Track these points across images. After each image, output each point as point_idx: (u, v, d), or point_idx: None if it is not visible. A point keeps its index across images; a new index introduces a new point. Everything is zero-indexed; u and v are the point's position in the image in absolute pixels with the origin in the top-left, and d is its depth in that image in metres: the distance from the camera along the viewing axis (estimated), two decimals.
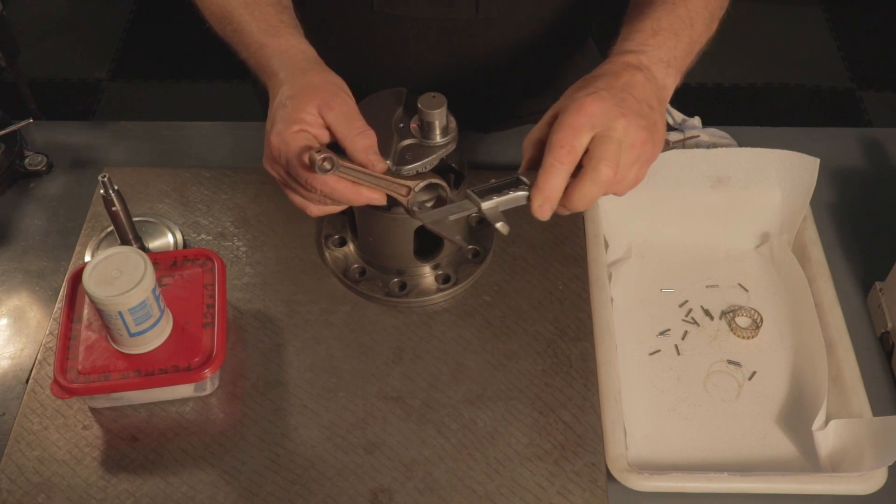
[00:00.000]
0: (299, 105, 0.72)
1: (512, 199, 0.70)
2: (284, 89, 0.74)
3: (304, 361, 0.81)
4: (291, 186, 0.75)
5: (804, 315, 0.84)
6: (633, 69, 0.71)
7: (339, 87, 0.74)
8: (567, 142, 0.67)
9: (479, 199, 0.69)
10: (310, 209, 0.76)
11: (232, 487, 0.73)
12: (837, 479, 0.72)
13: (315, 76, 0.75)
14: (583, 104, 0.68)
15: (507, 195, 0.70)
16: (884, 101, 2.41)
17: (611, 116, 0.67)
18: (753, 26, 2.58)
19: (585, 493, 0.72)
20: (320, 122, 0.72)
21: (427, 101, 0.74)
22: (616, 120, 0.67)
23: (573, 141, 0.67)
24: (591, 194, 0.68)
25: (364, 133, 0.72)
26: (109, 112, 2.39)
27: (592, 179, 0.67)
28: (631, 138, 0.68)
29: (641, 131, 0.68)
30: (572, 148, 0.67)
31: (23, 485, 0.73)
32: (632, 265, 0.91)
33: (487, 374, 0.80)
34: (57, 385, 0.72)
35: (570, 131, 0.67)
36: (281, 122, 0.72)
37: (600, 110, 0.67)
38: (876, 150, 1.03)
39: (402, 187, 0.73)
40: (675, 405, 0.81)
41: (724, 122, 0.99)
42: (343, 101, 0.73)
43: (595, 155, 0.67)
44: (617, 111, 0.68)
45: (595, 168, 0.67)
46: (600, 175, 0.67)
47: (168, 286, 0.78)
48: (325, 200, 0.74)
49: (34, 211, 0.96)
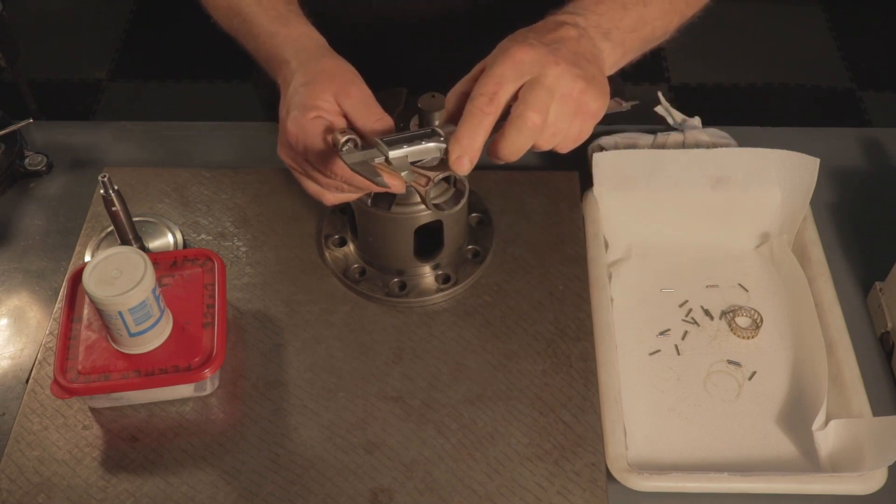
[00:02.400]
0: (314, 92, 0.71)
1: (423, 149, 0.67)
2: (298, 77, 0.73)
3: (304, 361, 0.81)
4: (308, 174, 0.73)
5: (804, 315, 0.84)
6: (567, 26, 0.68)
7: (354, 73, 0.74)
8: (489, 90, 0.64)
9: (386, 148, 0.66)
10: (326, 197, 0.75)
11: (232, 487, 0.73)
12: (837, 479, 0.72)
13: (328, 62, 0.74)
14: (510, 52, 0.64)
15: (419, 145, 0.67)
16: (884, 101, 2.41)
17: (541, 64, 0.64)
18: (753, 26, 2.58)
19: (585, 493, 0.72)
20: (336, 109, 0.71)
21: (427, 101, 0.74)
22: (547, 67, 0.64)
23: (497, 89, 0.64)
24: (519, 144, 0.64)
25: (382, 120, 0.71)
26: (109, 112, 2.39)
27: (517, 127, 0.64)
28: (565, 87, 0.65)
29: (578, 80, 0.65)
30: (494, 96, 0.64)
31: (23, 485, 0.73)
32: (632, 265, 0.91)
33: (487, 374, 0.80)
34: (57, 385, 0.72)
35: (493, 79, 0.64)
36: (297, 109, 0.71)
37: (529, 58, 0.64)
38: (876, 150, 1.03)
39: (422, 177, 0.72)
40: (675, 405, 0.81)
41: (724, 122, 0.99)
42: (359, 88, 0.72)
43: (521, 101, 0.64)
44: (548, 59, 0.64)
45: (521, 115, 0.63)
46: (525, 122, 0.63)
47: (168, 286, 0.78)
48: (343, 187, 0.73)
49: (34, 211, 0.96)
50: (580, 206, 0.92)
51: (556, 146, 0.68)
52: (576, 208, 0.92)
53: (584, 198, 0.92)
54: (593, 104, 0.67)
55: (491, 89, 0.64)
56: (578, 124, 0.67)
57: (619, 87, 1.17)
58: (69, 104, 2.42)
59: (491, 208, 0.91)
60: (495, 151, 0.66)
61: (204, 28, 0.88)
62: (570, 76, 0.65)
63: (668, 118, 0.96)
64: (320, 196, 0.75)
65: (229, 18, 0.82)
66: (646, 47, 0.78)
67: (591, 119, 0.68)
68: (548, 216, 0.92)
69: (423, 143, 0.67)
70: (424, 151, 0.67)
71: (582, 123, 0.67)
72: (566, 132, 0.67)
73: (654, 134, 0.95)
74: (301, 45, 0.76)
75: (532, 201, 0.93)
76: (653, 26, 0.76)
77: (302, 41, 0.76)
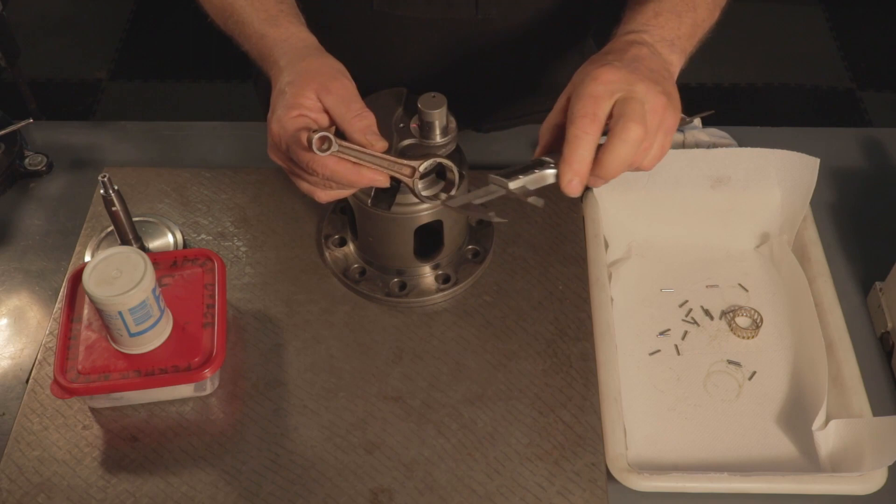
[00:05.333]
0: (297, 90, 0.71)
1: (538, 177, 0.68)
2: (284, 76, 0.74)
3: (304, 361, 0.81)
4: (296, 173, 0.74)
5: (804, 315, 0.84)
6: (637, 45, 0.70)
7: (338, 70, 0.74)
8: (589, 111, 0.65)
9: (504, 180, 0.67)
10: (317, 195, 0.76)
11: (232, 487, 0.73)
12: (837, 479, 0.72)
13: (314, 61, 0.74)
14: (597, 75, 0.66)
15: (533, 174, 0.67)
16: (884, 101, 2.41)
17: (628, 81, 0.66)
18: (753, 26, 2.58)
19: (585, 493, 0.72)
20: (319, 107, 0.72)
21: (427, 101, 0.74)
22: (635, 84, 0.66)
23: (595, 109, 0.65)
24: (623, 156, 0.65)
25: (361, 114, 0.71)
26: (109, 112, 2.39)
27: (622, 139, 0.64)
28: (651, 102, 0.66)
29: (660, 96, 0.67)
30: (595, 116, 0.65)
31: (23, 485, 0.73)
32: (632, 265, 0.91)
33: (487, 374, 0.80)
34: (57, 385, 0.72)
35: (590, 100, 0.65)
36: (280, 109, 0.72)
37: (616, 77, 0.66)
38: (876, 150, 1.03)
39: (406, 167, 0.72)
40: (675, 405, 0.81)
41: (724, 122, 0.99)
42: (341, 84, 0.73)
43: (622, 115, 0.65)
44: (633, 76, 0.66)
45: (624, 127, 0.64)
46: (630, 133, 0.64)
47: (168, 286, 0.78)
48: (330, 184, 0.73)
49: (34, 211, 0.96)
50: (580, 206, 0.92)
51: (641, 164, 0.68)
52: (576, 208, 0.92)
53: (584, 198, 0.92)
54: (672, 119, 0.68)
55: (591, 110, 0.65)
56: (661, 138, 0.68)
57: None
58: (69, 104, 2.42)
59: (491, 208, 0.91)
60: (601, 170, 0.66)
61: (204, 28, 0.88)
62: (654, 92, 0.66)
63: None
64: (312, 193, 0.76)
65: (224, 18, 0.83)
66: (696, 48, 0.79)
67: (671, 134, 0.69)
68: (548, 216, 0.92)
69: (537, 171, 0.67)
70: (540, 178, 0.68)
71: (664, 137, 0.68)
72: (654, 147, 0.68)
73: None
74: (290, 45, 0.77)
75: None
76: (703, 28, 0.78)
77: (291, 42, 0.77)
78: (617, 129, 0.65)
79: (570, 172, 0.65)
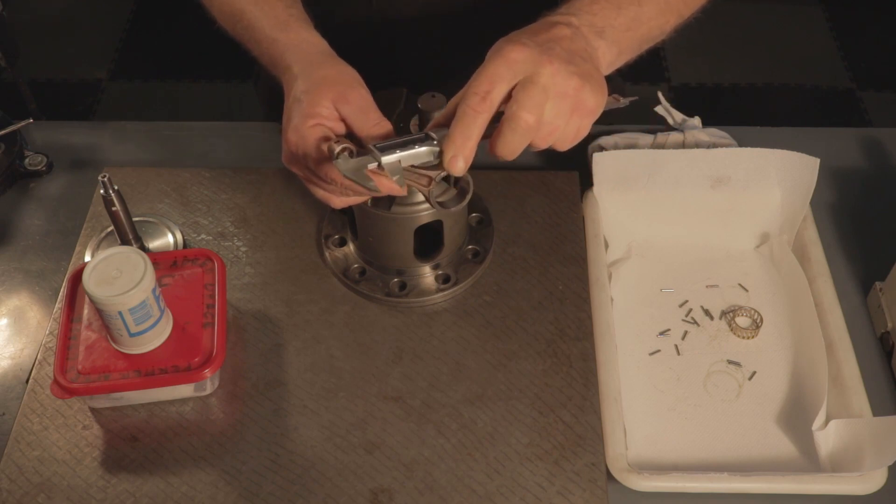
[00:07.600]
0: (314, 99, 0.71)
1: (416, 154, 0.67)
2: (299, 84, 0.73)
3: (304, 361, 0.81)
4: (313, 181, 0.74)
5: (804, 315, 0.84)
6: (561, 26, 0.68)
7: (354, 78, 0.74)
8: (482, 89, 0.63)
9: (379, 154, 0.67)
10: (333, 202, 0.76)
11: (232, 487, 0.73)
12: (837, 479, 0.72)
13: (329, 69, 0.74)
14: (503, 52, 0.64)
15: (412, 150, 0.67)
16: (884, 101, 2.41)
17: (535, 63, 0.64)
18: (753, 26, 2.58)
19: (585, 493, 0.72)
20: (336, 116, 0.72)
21: (427, 101, 0.74)
22: (541, 66, 0.64)
23: (489, 88, 0.63)
24: (514, 143, 0.64)
25: (380, 125, 0.71)
26: (109, 112, 2.39)
27: (511, 128, 0.64)
28: (560, 85, 0.64)
29: (573, 78, 0.65)
30: (487, 95, 0.63)
31: (23, 485, 0.73)
32: (632, 265, 0.91)
33: (487, 374, 0.80)
34: (57, 385, 0.72)
35: (486, 78, 0.64)
36: (297, 118, 0.72)
37: (522, 57, 0.64)
38: (876, 150, 1.03)
39: (423, 177, 0.72)
40: (675, 405, 0.81)
41: (724, 122, 0.99)
42: (359, 94, 0.72)
43: (515, 101, 0.64)
44: (542, 58, 0.64)
45: (514, 115, 0.63)
46: (519, 122, 0.63)
47: (168, 286, 0.78)
48: (347, 192, 0.73)
49: (34, 211, 0.96)
50: (580, 206, 0.92)
51: (554, 144, 0.68)
52: (576, 208, 0.92)
53: (584, 198, 0.92)
54: (590, 101, 0.67)
55: (484, 88, 0.64)
56: (576, 122, 0.67)
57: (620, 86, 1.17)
58: (69, 104, 2.42)
59: (491, 208, 0.91)
60: (493, 151, 0.67)
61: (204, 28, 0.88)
62: (564, 74, 0.64)
63: (668, 118, 0.96)
64: (328, 200, 0.76)
65: (233, 24, 0.83)
66: (642, 47, 0.78)
67: (588, 116, 0.68)
68: (548, 216, 0.92)
69: (416, 147, 0.67)
70: (417, 156, 0.67)
71: (580, 121, 0.67)
72: (563, 130, 0.67)
73: (654, 134, 0.95)
74: (302, 50, 0.76)
75: (532, 201, 0.93)
76: (648, 26, 0.76)
77: (303, 47, 0.77)
78: (507, 115, 0.64)
79: (452, 149, 0.64)
